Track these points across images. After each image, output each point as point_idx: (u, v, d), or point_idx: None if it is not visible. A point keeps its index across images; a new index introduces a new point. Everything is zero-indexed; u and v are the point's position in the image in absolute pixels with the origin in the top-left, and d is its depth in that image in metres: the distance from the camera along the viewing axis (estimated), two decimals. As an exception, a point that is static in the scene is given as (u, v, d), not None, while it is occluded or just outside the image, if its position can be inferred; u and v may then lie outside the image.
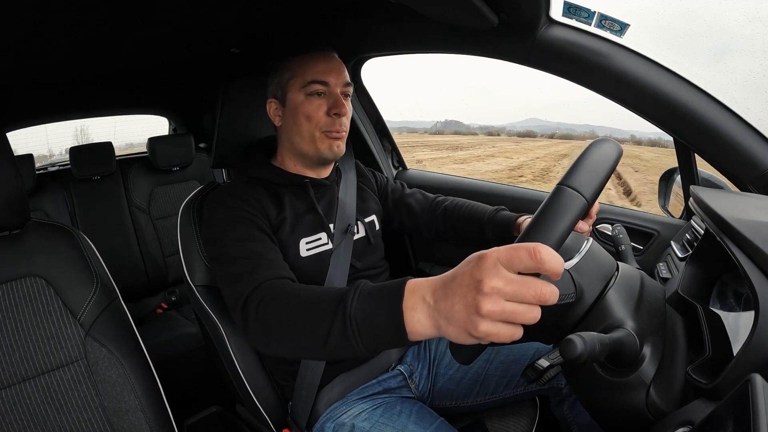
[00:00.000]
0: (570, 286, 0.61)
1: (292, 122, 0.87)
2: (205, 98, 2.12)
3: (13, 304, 0.77)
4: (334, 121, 0.85)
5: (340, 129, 0.86)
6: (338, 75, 0.86)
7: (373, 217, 1.02)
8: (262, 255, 0.75)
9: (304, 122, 0.86)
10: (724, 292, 0.66)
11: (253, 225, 0.80)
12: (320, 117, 0.85)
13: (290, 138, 0.89)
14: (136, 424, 0.80)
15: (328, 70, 0.85)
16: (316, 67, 0.85)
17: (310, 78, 0.84)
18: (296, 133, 0.87)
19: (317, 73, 0.85)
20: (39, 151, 2.11)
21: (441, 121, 27.68)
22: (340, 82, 0.86)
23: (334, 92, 0.85)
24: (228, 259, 0.76)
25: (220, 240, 0.78)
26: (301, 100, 0.85)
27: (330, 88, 0.85)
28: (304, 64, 0.86)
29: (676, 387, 0.56)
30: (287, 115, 0.88)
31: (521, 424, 0.94)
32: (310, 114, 0.85)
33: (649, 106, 0.83)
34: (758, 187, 0.77)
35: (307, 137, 0.86)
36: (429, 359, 1.00)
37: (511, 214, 0.95)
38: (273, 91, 0.91)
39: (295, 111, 0.86)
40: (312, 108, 0.85)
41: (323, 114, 0.85)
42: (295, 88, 0.86)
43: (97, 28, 1.02)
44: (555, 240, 0.49)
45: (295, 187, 0.91)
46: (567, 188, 0.52)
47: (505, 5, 0.79)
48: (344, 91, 0.87)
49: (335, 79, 0.86)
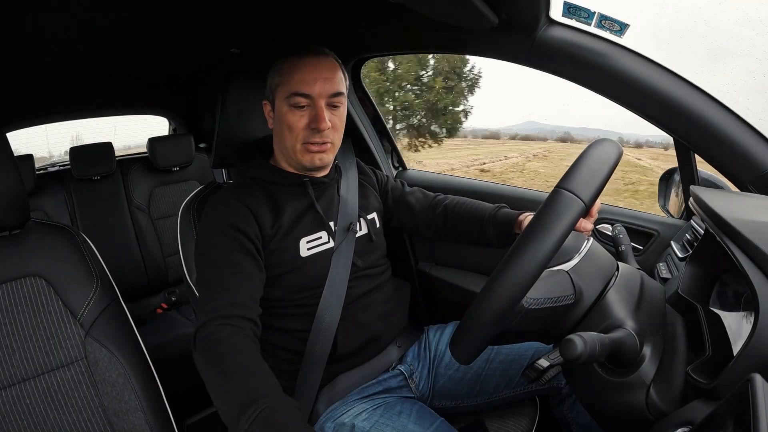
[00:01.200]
0: (569, 288, 0.61)
1: (278, 129, 0.88)
2: (205, 98, 2.12)
3: (13, 304, 0.77)
4: (314, 134, 0.84)
5: (320, 141, 0.85)
6: (324, 83, 0.83)
7: (374, 215, 1.01)
8: (231, 288, 0.76)
9: (286, 132, 0.85)
10: (724, 292, 0.66)
11: (236, 245, 0.80)
12: (300, 130, 0.84)
13: (279, 144, 0.90)
14: (136, 424, 0.80)
15: (312, 80, 0.83)
16: (301, 76, 0.83)
17: (293, 89, 0.83)
18: (281, 141, 0.88)
19: (301, 84, 0.83)
20: (39, 152, 2.11)
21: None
22: (326, 93, 0.84)
23: (318, 105, 0.83)
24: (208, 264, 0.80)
25: (204, 251, 0.82)
26: (285, 110, 0.85)
27: (314, 100, 0.84)
28: (290, 72, 0.84)
29: (676, 387, 0.56)
30: (276, 120, 0.89)
31: (521, 424, 0.94)
32: (291, 125, 0.84)
33: (649, 106, 0.83)
34: (758, 187, 0.77)
35: (290, 147, 0.86)
36: (429, 359, 1.00)
37: (512, 211, 0.94)
38: (267, 93, 0.91)
39: (280, 120, 0.86)
40: (293, 120, 0.84)
41: (303, 127, 0.84)
42: (281, 96, 0.85)
43: (97, 28, 1.02)
44: (551, 245, 0.49)
45: (294, 187, 0.91)
46: (565, 191, 0.52)
47: (505, 5, 0.79)
48: (331, 102, 0.85)
49: (320, 90, 0.83)
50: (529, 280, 0.51)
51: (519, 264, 0.51)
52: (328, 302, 0.87)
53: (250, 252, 0.81)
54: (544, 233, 0.50)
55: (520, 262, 0.51)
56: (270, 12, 1.06)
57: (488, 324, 0.52)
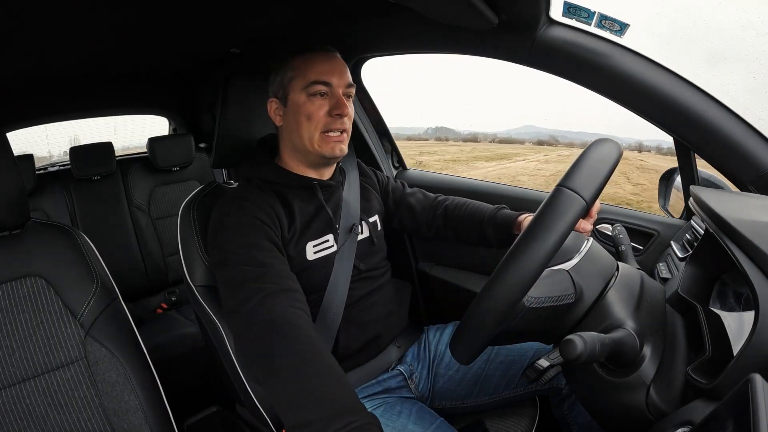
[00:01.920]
0: (569, 287, 0.61)
1: (294, 122, 0.87)
2: (205, 98, 2.12)
3: (14, 304, 0.77)
4: (335, 120, 0.85)
5: (341, 128, 0.86)
6: (341, 75, 0.86)
7: (375, 217, 1.01)
8: (269, 264, 0.74)
9: (304, 122, 0.85)
10: (724, 292, 0.66)
11: (263, 234, 0.79)
12: (321, 117, 0.85)
13: (291, 138, 0.89)
14: (136, 424, 0.80)
15: (330, 70, 0.85)
16: (318, 68, 0.85)
17: (312, 78, 0.84)
18: (297, 133, 0.87)
19: (320, 74, 0.84)
20: (39, 152, 2.11)
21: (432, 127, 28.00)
22: (343, 83, 0.86)
23: (337, 93, 0.85)
24: (233, 265, 0.74)
25: (227, 245, 0.77)
26: (303, 100, 0.85)
27: (332, 88, 0.85)
28: (306, 64, 0.85)
29: (676, 387, 0.56)
30: (288, 115, 0.88)
31: (521, 424, 0.94)
32: (311, 114, 0.85)
33: (649, 106, 0.83)
34: (758, 187, 0.77)
35: (307, 138, 0.86)
36: (429, 359, 1.00)
37: (511, 212, 0.95)
38: (274, 91, 0.90)
39: (296, 111, 0.86)
40: (313, 108, 0.85)
41: (324, 114, 0.85)
42: (297, 88, 0.86)
43: (98, 28, 1.02)
44: (552, 243, 0.49)
45: (303, 189, 0.90)
46: (566, 189, 0.52)
47: (505, 5, 0.79)
48: (346, 92, 0.87)
49: (338, 80, 0.85)
50: (530, 279, 0.51)
51: (520, 263, 0.51)
52: (330, 304, 0.87)
53: (275, 243, 0.80)
54: (546, 231, 0.50)
55: (521, 261, 0.51)
56: (270, 12, 1.06)
57: (488, 324, 0.52)
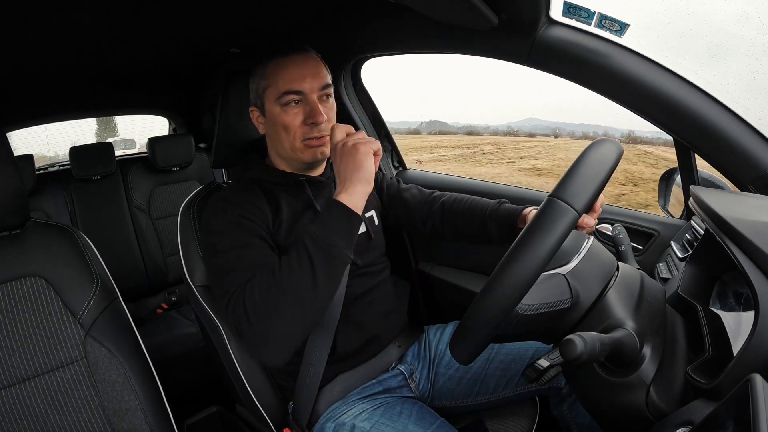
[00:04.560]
0: (566, 292, 0.61)
1: (273, 132, 0.87)
2: (205, 98, 2.12)
3: (13, 304, 0.77)
4: (312, 129, 0.84)
5: (319, 135, 0.85)
6: (313, 79, 0.84)
7: (372, 213, 1.01)
8: (259, 264, 0.75)
9: (283, 133, 0.85)
10: (724, 292, 0.66)
11: (251, 232, 0.79)
12: (297, 127, 0.84)
13: (275, 146, 0.90)
14: (136, 424, 0.80)
15: (301, 76, 0.83)
16: (289, 75, 0.83)
17: (283, 89, 0.83)
18: (278, 142, 0.87)
19: (290, 82, 0.83)
20: (40, 152, 2.11)
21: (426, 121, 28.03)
22: (316, 86, 0.84)
23: (311, 99, 0.84)
24: (223, 267, 0.76)
25: (217, 246, 0.78)
26: (278, 111, 0.84)
27: (305, 95, 0.84)
28: (276, 72, 0.84)
29: (676, 387, 0.56)
30: (268, 125, 0.88)
31: (521, 424, 0.94)
32: (287, 125, 0.84)
33: (648, 106, 0.83)
34: (758, 187, 0.77)
35: (289, 147, 0.86)
36: (429, 359, 1.00)
37: (514, 206, 0.92)
38: (253, 99, 0.90)
39: (274, 122, 0.86)
40: (288, 119, 0.84)
41: (300, 124, 0.84)
42: (271, 98, 0.85)
43: (98, 28, 1.02)
44: (543, 255, 0.50)
45: (291, 186, 0.90)
46: (557, 200, 0.52)
47: (505, 5, 0.79)
48: (322, 94, 0.85)
49: (310, 85, 0.83)
50: (520, 291, 0.51)
51: (512, 274, 0.51)
52: None
53: (265, 239, 0.81)
54: (536, 244, 0.51)
55: (513, 272, 0.51)
56: (270, 12, 1.06)
57: (488, 325, 0.53)
